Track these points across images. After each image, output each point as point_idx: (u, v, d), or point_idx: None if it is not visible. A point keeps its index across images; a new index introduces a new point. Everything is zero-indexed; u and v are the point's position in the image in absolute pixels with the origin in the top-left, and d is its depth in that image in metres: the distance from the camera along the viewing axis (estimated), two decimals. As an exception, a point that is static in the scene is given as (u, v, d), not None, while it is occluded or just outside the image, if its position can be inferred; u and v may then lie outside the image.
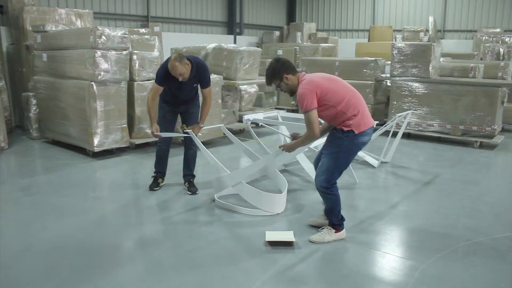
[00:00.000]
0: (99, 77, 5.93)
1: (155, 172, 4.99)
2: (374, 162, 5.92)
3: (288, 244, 3.53)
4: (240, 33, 14.80)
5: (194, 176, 4.97)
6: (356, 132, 3.39)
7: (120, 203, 4.60)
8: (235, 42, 14.21)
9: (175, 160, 5.27)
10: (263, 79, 8.87)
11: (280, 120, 5.86)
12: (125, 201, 4.64)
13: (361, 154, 6.00)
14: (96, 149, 6.18)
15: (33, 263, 3.28)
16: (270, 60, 10.19)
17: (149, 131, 5.10)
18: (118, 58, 6.08)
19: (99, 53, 5.85)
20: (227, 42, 13.17)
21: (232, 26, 14.53)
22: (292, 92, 3.57)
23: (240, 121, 8.08)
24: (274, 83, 3.57)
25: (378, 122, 5.56)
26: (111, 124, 6.26)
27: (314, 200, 4.54)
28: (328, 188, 3.49)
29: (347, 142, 3.43)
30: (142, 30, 10.21)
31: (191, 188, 4.85)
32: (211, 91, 4.79)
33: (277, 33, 14.82)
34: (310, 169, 5.22)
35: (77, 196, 4.74)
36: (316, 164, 3.80)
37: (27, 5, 8.07)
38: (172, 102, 4.64)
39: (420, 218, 4.22)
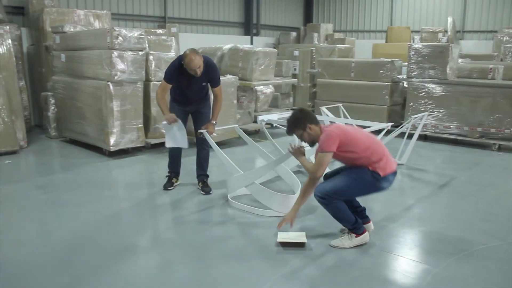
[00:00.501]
0: (116, 77, 6.01)
1: (169, 172, 5.03)
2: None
3: (299, 245, 3.53)
4: (257, 34, 14.80)
5: (207, 176, 5.00)
6: (382, 174, 3.39)
7: (134, 201, 4.65)
8: (251, 43, 14.23)
9: (190, 160, 5.31)
10: (278, 80, 8.96)
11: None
12: (139, 200, 4.69)
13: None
14: (112, 149, 6.26)
15: (48, 259, 3.35)
16: (286, 61, 10.21)
17: (164, 131, 5.15)
18: (135, 59, 6.15)
19: (115, 53, 5.92)
20: (243, 43, 13.19)
21: (249, 27, 14.55)
22: (314, 142, 3.57)
23: (256, 121, 8.09)
24: (297, 132, 3.56)
25: (393, 123, 5.54)
26: (127, 124, 6.34)
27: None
28: (323, 198, 3.44)
29: (370, 179, 3.41)
30: (159, 31, 10.30)
31: (205, 188, 4.87)
32: (223, 91, 4.80)
33: (294, 34, 14.79)
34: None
35: (92, 195, 4.81)
36: (327, 177, 3.72)
37: (47, 6, 8.22)
38: (182, 101, 4.66)
39: (434, 221, 4.18)
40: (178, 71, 4.43)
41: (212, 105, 4.79)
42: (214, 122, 4.66)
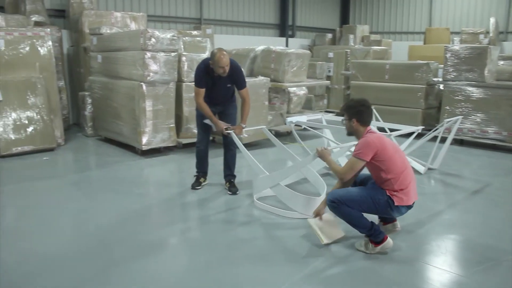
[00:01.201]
0: (148, 77, 6.14)
1: (197, 172, 5.10)
2: (420, 168, 5.73)
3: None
4: (292, 36, 14.78)
5: (234, 176, 5.03)
6: (396, 203, 3.35)
7: (162, 200, 4.75)
8: (287, 45, 14.22)
9: (219, 161, 5.35)
10: (311, 82, 8.91)
11: (325, 123, 5.81)
12: (166, 198, 4.78)
13: (407, 159, 5.83)
14: (144, 148, 6.40)
15: (76, 252, 3.46)
16: (321, 62, 10.14)
17: (196, 130, 5.24)
18: (167, 60, 6.27)
19: (148, 54, 6.06)
20: (279, 44, 13.19)
21: (284, 28, 14.55)
22: (351, 135, 3.61)
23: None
24: (345, 115, 3.58)
25: (424, 127, 5.41)
26: (159, 124, 6.46)
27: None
28: (332, 202, 3.40)
29: (383, 202, 3.37)
30: (195, 32, 10.46)
31: (232, 188, 4.91)
32: (254, 92, 4.83)
33: (329, 35, 14.67)
34: None
35: (121, 192, 4.94)
36: (356, 182, 3.70)
37: (86, 9, 8.50)
38: (209, 102, 4.71)
39: (463, 228, 4.05)
40: (204, 74, 4.51)
41: (240, 108, 4.83)
42: (243, 125, 4.70)
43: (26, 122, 6.54)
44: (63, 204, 4.60)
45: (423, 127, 5.22)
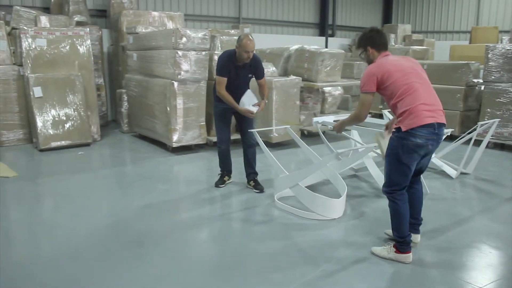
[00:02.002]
0: (179, 76, 6.25)
1: (221, 171, 5.15)
2: (452, 172, 5.53)
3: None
4: (332, 35, 14.61)
5: (257, 174, 5.05)
6: (403, 129, 3.06)
7: (185, 196, 4.83)
8: (326, 44, 14.07)
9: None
10: (345, 81, 8.76)
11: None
12: (189, 195, 4.85)
13: (438, 163, 5.65)
14: (175, 145, 6.52)
15: (94, 244, 3.58)
16: (358, 62, 9.96)
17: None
18: (198, 59, 6.36)
19: (179, 53, 6.16)
20: (318, 44, 13.08)
21: (324, 27, 14.40)
22: (371, 63, 3.42)
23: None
24: (359, 49, 3.48)
25: (452, 129, 5.19)
26: (190, 121, 6.56)
27: (377, 208, 4.39)
28: (388, 193, 3.28)
29: (395, 142, 3.15)
30: (232, 31, 10.54)
31: (258, 186, 4.93)
32: (285, 91, 4.83)
33: (370, 35, 14.37)
34: (377, 175, 5.04)
35: (147, 187, 5.06)
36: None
37: (126, 9, 8.74)
38: (230, 94, 4.71)
39: (487, 237, 3.87)
40: (228, 63, 4.61)
41: (259, 92, 4.90)
42: (266, 101, 4.83)
43: (64, 118, 6.82)
44: (91, 197, 4.78)
45: (452, 129, 5.01)
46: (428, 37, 14.45)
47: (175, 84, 6.30)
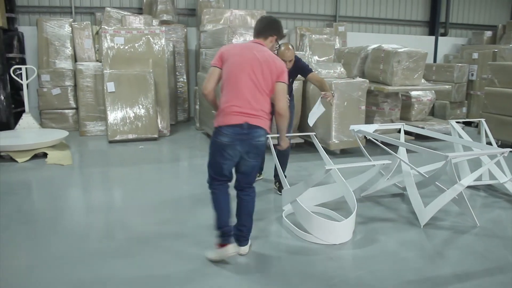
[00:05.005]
0: (233, 75, 6.17)
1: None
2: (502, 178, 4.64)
3: None
4: (444, 34, 13.26)
5: (285, 176, 4.81)
6: (215, 125, 3.02)
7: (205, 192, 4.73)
8: (436, 44, 12.85)
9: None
10: (428, 86, 7.86)
11: (402, 137, 5.02)
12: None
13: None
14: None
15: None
16: (460, 64, 9.05)
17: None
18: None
19: (233, 52, 6.07)
20: (425, 44, 12.03)
21: (434, 26, 13.14)
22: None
23: (399, 131, 7.28)
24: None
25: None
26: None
27: (397, 238, 3.77)
28: (209, 184, 3.23)
29: (212, 138, 3.08)
30: (326, 30, 10.18)
31: (282, 188, 4.72)
32: (348, 95, 4.52)
33: (488, 33, 12.75)
34: (414, 198, 4.18)
35: (182, 183, 5.18)
36: None
37: (209, 7, 8.92)
38: None
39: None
40: None
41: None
42: (333, 92, 4.81)
43: (133, 113, 7.18)
44: (126, 190, 4.97)
45: (509, 150, 4.08)
46: None
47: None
